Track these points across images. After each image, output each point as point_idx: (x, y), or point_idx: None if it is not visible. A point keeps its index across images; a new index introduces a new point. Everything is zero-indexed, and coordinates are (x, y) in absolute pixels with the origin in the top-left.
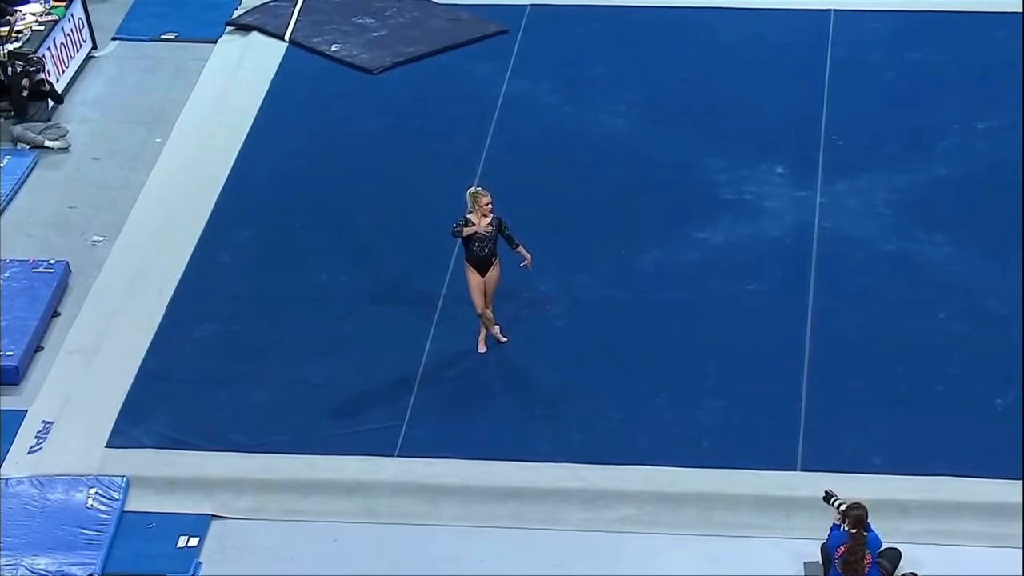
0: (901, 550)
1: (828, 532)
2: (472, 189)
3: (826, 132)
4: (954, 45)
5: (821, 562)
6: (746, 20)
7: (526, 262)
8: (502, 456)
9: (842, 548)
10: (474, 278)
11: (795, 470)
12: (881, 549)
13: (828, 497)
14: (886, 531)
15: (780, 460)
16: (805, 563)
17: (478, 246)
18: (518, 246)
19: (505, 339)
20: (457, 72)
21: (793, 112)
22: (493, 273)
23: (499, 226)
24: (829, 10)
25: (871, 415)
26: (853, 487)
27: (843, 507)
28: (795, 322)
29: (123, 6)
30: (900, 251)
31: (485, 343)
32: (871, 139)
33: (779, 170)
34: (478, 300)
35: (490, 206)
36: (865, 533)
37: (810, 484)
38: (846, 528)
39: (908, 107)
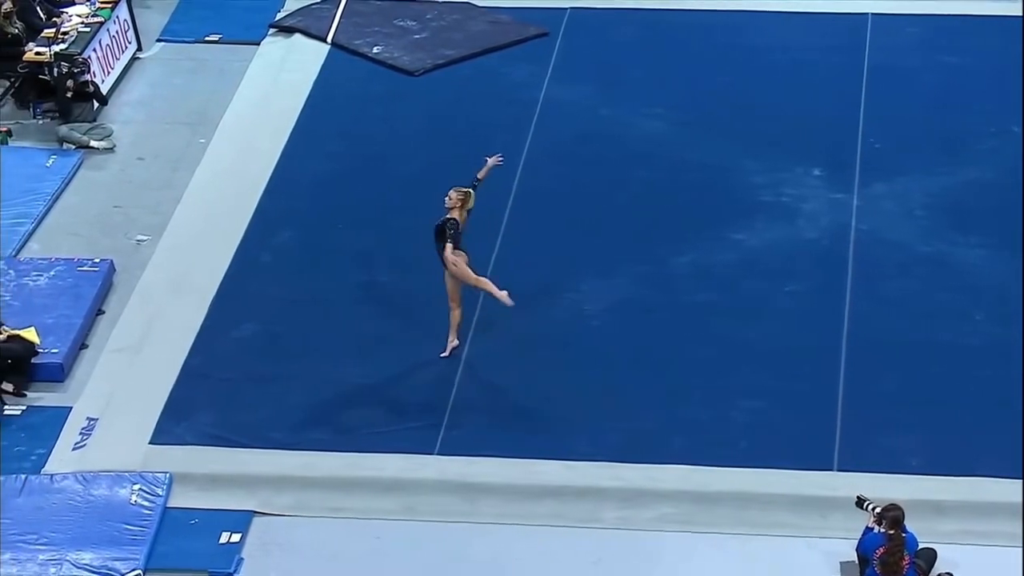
0: (937, 550)
1: (861, 533)
2: (461, 190)
3: (863, 135)
4: (990, 49)
5: (857, 562)
6: (785, 25)
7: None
8: (540, 455)
9: (881, 549)
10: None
11: (831, 470)
12: (917, 549)
13: (861, 502)
14: (922, 531)
15: (816, 460)
16: (841, 563)
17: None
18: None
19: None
20: (497, 74)
21: (830, 115)
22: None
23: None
24: (867, 14)
25: (907, 416)
26: (889, 487)
27: (878, 509)
28: (831, 323)
29: (168, 8)
30: (936, 253)
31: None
32: (907, 142)
33: (816, 172)
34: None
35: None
36: (903, 534)
37: (846, 484)
38: (882, 530)
39: (944, 110)
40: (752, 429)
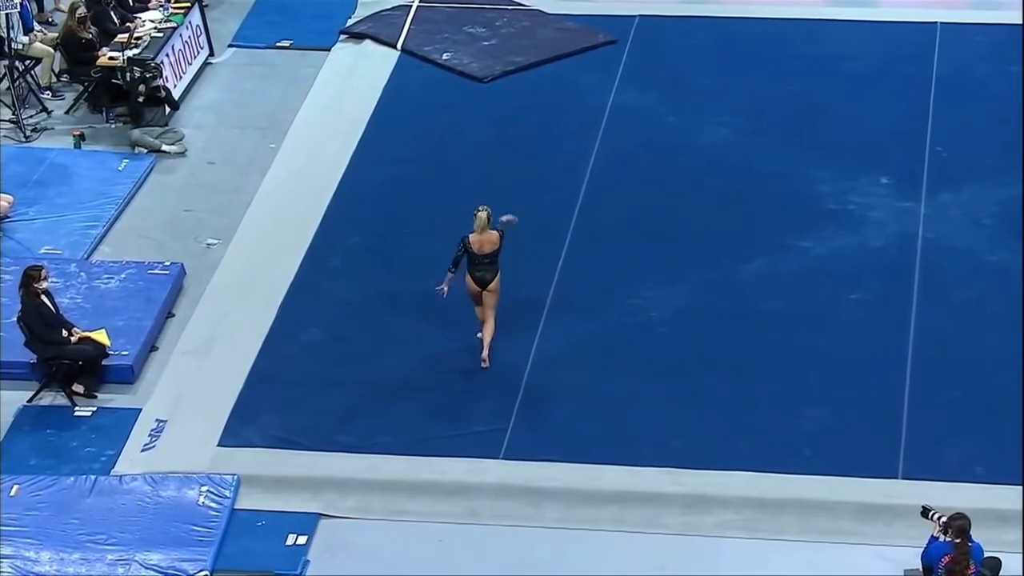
0: (1001, 559)
1: (926, 542)
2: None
3: (931, 144)
4: None
5: (922, 571)
6: (853, 34)
7: None
8: (604, 460)
9: (947, 558)
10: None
11: (896, 478)
12: (983, 559)
13: (926, 512)
14: (986, 540)
15: (881, 468)
16: (905, 571)
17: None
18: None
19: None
20: (565, 81)
21: (898, 123)
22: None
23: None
24: (935, 23)
25: (972, 424)
26: (953, 496)
27: (943, 519)
28: (897, 332)
29: (240, 14)
30: (1002, 262)
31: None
32: (975, 151)
33: (884, 181)
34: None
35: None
36: (969, 543)
37: (911, 492)
38: (948, 539)
39: (1012, 120)
40: (817, 436)
